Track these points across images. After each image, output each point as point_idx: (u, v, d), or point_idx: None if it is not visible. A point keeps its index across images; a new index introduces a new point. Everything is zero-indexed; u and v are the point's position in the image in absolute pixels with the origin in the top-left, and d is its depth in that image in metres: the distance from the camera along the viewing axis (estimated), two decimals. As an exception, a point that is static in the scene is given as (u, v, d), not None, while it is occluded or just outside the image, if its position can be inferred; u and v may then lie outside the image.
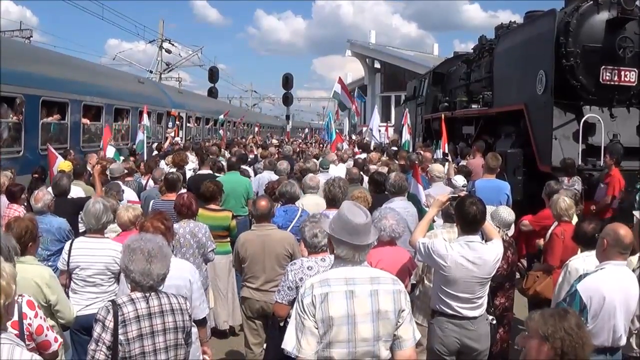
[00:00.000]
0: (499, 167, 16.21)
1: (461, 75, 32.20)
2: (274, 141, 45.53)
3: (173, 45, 66.20)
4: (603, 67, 19.13)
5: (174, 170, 16.68)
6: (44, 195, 11.37)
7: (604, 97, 19.46)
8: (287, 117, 71.30)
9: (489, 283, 8.60)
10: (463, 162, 20.45)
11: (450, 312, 8.35)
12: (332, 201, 11.73)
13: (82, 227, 11.78)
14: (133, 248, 6.22)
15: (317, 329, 5.87)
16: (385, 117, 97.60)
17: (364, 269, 6.16)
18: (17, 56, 21.62)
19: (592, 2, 19.25)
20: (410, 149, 31.95)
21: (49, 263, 10.33)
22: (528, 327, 4.91)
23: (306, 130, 76.08)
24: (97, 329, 5.99)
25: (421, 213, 11.30)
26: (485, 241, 8.53)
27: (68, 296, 8.95)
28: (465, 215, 8.25)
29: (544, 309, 5.19)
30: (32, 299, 6.74)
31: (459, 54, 38.26)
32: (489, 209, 10.04)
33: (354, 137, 51.98)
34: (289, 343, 5.99)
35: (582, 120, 18.68)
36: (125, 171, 16.96)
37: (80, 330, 9.15)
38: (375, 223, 8.97)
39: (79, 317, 8.73)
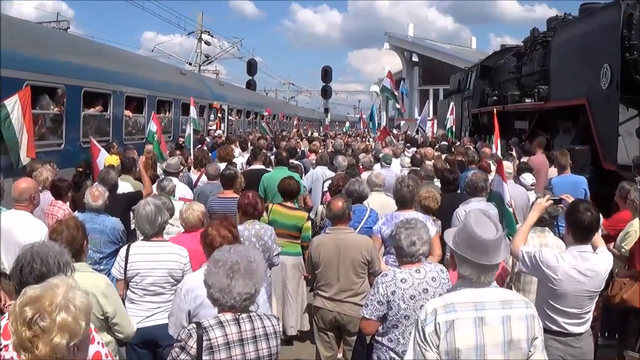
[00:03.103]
0: (569, 163, 15.37)
1: (511, 69, 31.75)
2: (316, 134, 44.87)
3: (212, 37, 65.73)
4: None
5: (223, 165, 16.08)
6: (103, 192, 10.58)
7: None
8: (326, 110, 70.97)
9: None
10: (524, 159, 19.39)
11: (555, 328, 7.53)
12: (401, 202, 10.83)
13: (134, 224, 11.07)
14: (217, 259, 5.49)
15: None
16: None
17: (494, 291, 5.32)
18: (58, 45, 20.98)
19: (656, -7, 18.28)
20: (453, 139, 31.35)
21: (101, 267, 9.69)
22: None
23: (347, 124, 75.38)
24: (179, 354, 5.26)
25: (505, 215, 10.33)
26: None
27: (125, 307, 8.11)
28: (579, 223, 7.42)
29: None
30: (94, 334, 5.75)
31: (507, 46, 37.67)
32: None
33: (394, 131, 50.99)
34: None
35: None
36: (182, 167, 16.40)
37: (138, 345, 8.36)
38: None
39: (138, 329, 7.90)
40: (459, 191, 13.52)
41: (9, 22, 18.43)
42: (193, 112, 23.04)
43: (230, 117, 40.49)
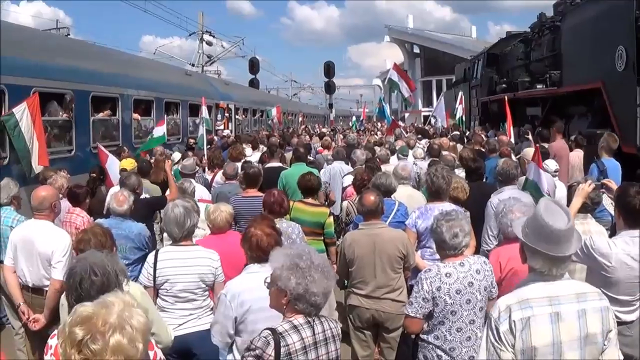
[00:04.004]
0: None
1: (519, 55, 31.76)
2: (324, 130, 44.69)
3: (213, 37, 65.51)
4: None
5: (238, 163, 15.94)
6: (128, 197, 10.30)
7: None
8: (330, 106, 70.76)
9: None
10: (545, 145, 19.08)
11: (607, 317, 7.14)
12: (436, 194, 10.43)
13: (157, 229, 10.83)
14: (297, 263, 5.23)
15: None
16: (427, 102, 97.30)
17: (568, 284, 5.07)
18: (65, 51, 20.77)
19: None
20: (464, 128, 31.22)
21: (128, 273, 9.12)
22: None
23: (353, 118, 75.15)
24: None
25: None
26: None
27: None
28: (630, 207, 7.18)
29: None
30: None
31: (513, 33, 37.59)
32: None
33: (401, 123, 50.78)
34: None
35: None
36: (197, 168, 16.21)
37: (171, 354, 7.94)
38: (500, 218, 8.27)
39: None
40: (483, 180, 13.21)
41: (14, 29, 18.26)
42: (205, 112, 22.75)
43: (237, 116, 40.26)
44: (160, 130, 20.44)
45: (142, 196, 12.79)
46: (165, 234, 11.65)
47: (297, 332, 5.09)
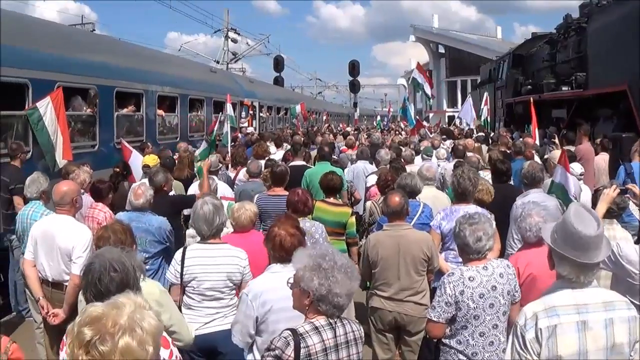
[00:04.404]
0: None
1: (545, 57, 31.61)
2: (348, 129, 44.63)
3: (239, 34, 65.50)
4: None
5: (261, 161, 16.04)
6: (146, 190, 10.27)
7: None
8: (355, 105, 70.98)
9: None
10: (570, 148, 18.93)
11: (633, 326, 7.04)
12: (462, 195, 10.33)
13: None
14: (319, 264, 5.18)
15: None
16: (452, 102, 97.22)
17: (595, 292, 4.99)
18: (89, 46, 20.86)
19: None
20: (488, 129, 31.13)
21: (147, 266, 9.29)
22: None
23: (377, 117, 75.12)
24: None
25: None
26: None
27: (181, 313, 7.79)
28: None
29: None
30: (165, 334, 5.32)
31: (538, 34, 37.49)
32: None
33: (425, 123, 50.72)
34: None
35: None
36: (220, 165, 16.19)
37: (196, 353, 8.01)
38: (519, 222, 8.18)
39: (196, 336, 7.47)
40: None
41: (38, 24, 18.34)
42: (230, 109, 22.66)
43: (261, 114, 40.26)
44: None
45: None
46: (189, 230, 11.65)
47: (318, 333, 5.04)
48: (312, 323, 5.09)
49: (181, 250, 8.41)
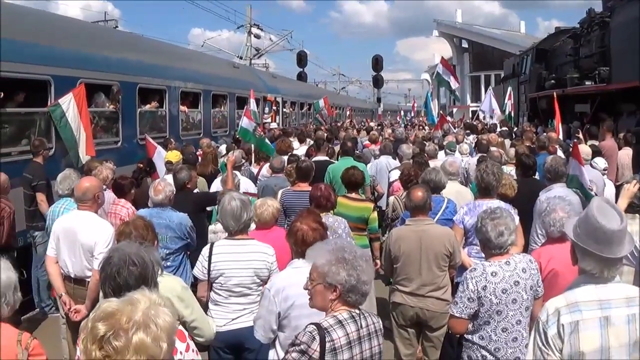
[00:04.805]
0: None
1: (568, 51, 31.50)
2: (371, 124, 44.60)
3: (262, 30, 65.53)
4: None
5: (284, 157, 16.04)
6: (165, 186, 10.29)
7: None
8: (379, 100, 70.84)
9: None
10: (594, 143, 18.83)
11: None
12: (485, 190, 10.28)
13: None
14: (343, 256, 5.17)
15: None
16: (476, 97, 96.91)
17: (618, 287, 4.92)
18: (112, 43, 20.86)
19: None
20: (512, 124, 31.06)
21: (168, 263, 9.46)
22: None
23: (402, 112, 75.09)
24: (297, 358, 4.99)
25: (587, 198, 9.86)
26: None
27: (207, 309, 7.89)
28: None
29: None
30: (182, 328, 5.35)
31: (562, 29, 37.35)
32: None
33: (449, 118, 50.72)
34: None
35: None
36: (243, 160, 16.20)
37: (223, 349, 8.03)
38: (543, 217, 8.11)
39: (222, 332, 7.68)
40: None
41: (59, 21, 18.39)
42: (253, 105, 22.58)
43: (284, 109, 40.24)
44: (246, 122, 20.03)
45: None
46: (211, 226, 11.64)
47: (342, 327, 5.03)
48: (336, 317, 5.08)
49: (208, 246, 8.38)
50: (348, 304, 5.14)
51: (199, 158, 16.62)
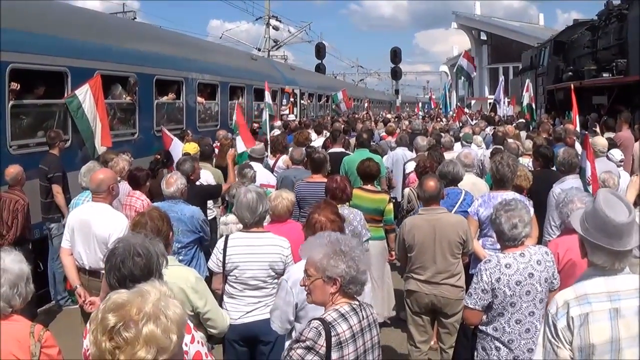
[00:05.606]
0: None
1: (586, 43, 31.40)
2: (388, 116, 44.54)
3: (280, 21, 65.42)
4: None
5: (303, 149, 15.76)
6: (177, 179, 10.21)
7: None
8: (397, 92, 70.72)
9: None
10: (610, 135, 18.76)
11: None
12: (500, 182, 10.26)
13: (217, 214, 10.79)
14: (340, 249, 5.14)
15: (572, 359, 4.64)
16: (494, 89, 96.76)
17: (628, 278, 4.88)
18: (129, 34, 20.91)
19: None
20: (534, 116, 31.03)
21: (180, 257, 9.34)
22: None
23: (419, 104, 75.10)
24: (304, 355, 4.91)
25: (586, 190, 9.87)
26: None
27: (222, 302, 7.93)
28: None
29: None
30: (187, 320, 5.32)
31: (580, 21, 37.28)
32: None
33: (467, 110, 50.66)
34: None
35: None
36: (265, 153, 16.28)
37: (237, 341, 8.05)
38: (561, 208, 8.10)
39: (237, 325, 7.71)
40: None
41: (77, 12, 18.38)
42: (268, 97, 22.51)
43: (302, 101, 40.23)
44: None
45: (202, 182, 12.79)
46: (222, 218, 11.63)
47: (345, 320, 5.00)
48: (338, 310, 5.05)
49: (223, 238, 8.37)
50: (348, 295, 5.14)
51: (216, 150, 16.58)
